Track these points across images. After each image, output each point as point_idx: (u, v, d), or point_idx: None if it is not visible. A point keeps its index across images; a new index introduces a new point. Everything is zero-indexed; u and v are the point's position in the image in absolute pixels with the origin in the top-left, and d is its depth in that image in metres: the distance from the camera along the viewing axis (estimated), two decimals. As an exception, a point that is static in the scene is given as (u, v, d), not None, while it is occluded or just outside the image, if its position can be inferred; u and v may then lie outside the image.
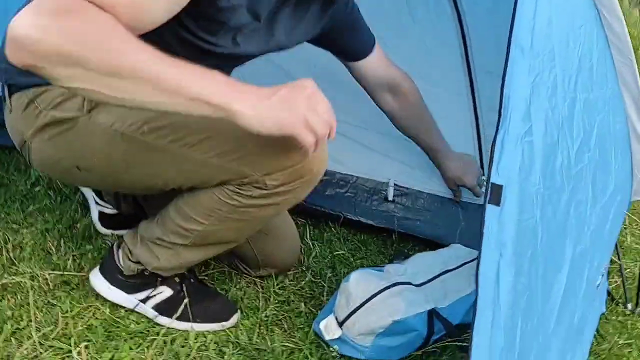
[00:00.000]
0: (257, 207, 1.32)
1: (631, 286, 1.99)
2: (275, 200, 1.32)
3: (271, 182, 1.26)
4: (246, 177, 1.26)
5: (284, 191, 1.29)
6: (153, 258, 1.44)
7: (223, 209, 1.32)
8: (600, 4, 1.42)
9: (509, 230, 1.05)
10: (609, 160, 1.49)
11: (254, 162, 1.24)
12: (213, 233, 1.38)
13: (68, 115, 1.25)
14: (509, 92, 1.12)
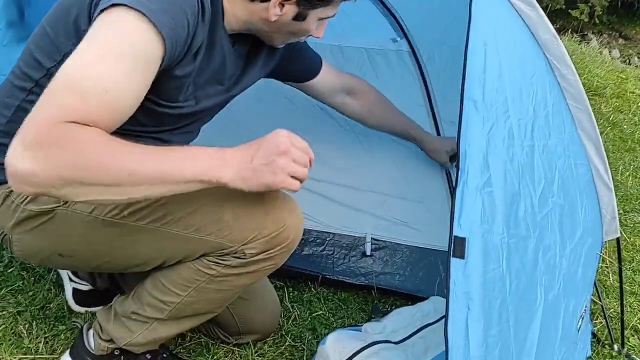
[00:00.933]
0: (236, 275, 1.32)
1: (616, 327, 1.98)
2: (254, 269, 1.32)
3: (249, 251, 1.28)
4: (225, 249, 1.27)
5: (262, 259, 1.30)
6: (127, 333, 1.42)
7: (201, 279, 1.32)
8: (548, 53, 1.46)
9: (475, 282, 1.05)
10: (575, 204, 1.50)
11: (232, 234, 1.26)
12: (190, 305, 1.37)
13: (45, 207, 1.26)
14: (464, 145, 1.15)
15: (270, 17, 1.26)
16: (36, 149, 0.96)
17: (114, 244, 1.29)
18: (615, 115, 4.02)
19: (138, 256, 1.31)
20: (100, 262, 1.35)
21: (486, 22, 1.30)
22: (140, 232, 1.26)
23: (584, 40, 8.17)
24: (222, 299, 1.39)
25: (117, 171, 1.01)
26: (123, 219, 1.25)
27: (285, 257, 1.35)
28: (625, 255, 2.52)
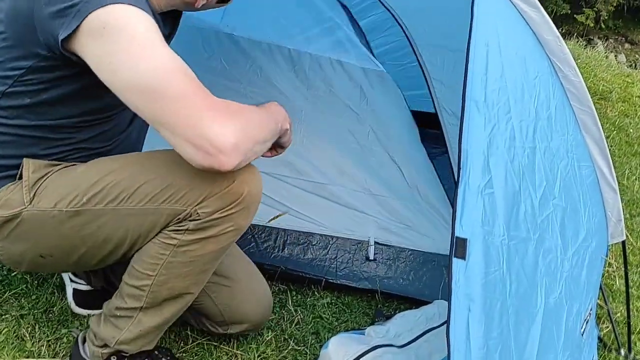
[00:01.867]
0: (198, 242, 1.31)
1: (623, 331, 1.96)
2: (215, 232, 1.31)
3: (203, 211, 1.27)
4: (179, 215, 1.28)
5: (219, 218, 1.29)
6: (115, 331, 1.42)
7: (166, 252, 1.32)
8: (551, 55, 1.46)
9: (476, 284, 1.05)
10: (578, 206, 1.49)
11: (184, 197, 1.27)
12: (164, 285, 1.36)
13: (13, 211, 1.30)
14: (466, 146, 1.14)
15: (198, 4, 1.37)
16: (233, 122, 1.11)
17: (83, 233, 1.31)
18: (621, 119, 4.00)
19: (108, 240, 1.32)
20: (79, 256, 1.36)
21: (488, 22, 1.30)
22: (102, 216, 1.29)
23: (589, 45, 8.15)
24: (193, 273, 1.37)
25: (268, 128, 1.27)
26: (83, 205, 1.28)
27: (246, 217, 1.33)
28: (632, 259, 2.51)
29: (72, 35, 1.12)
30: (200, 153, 1.09)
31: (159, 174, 1.28)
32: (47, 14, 1.14)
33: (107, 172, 1.29)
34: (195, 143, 1.09)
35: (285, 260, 2.04)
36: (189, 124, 1.09)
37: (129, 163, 1.32)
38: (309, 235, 2.08)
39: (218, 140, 1.09)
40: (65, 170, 1.34)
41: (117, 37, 1.11)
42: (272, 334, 1.80)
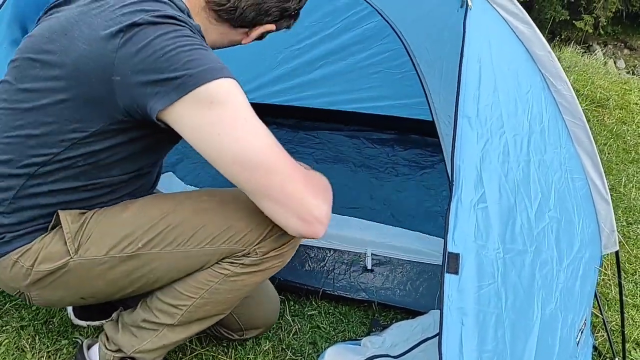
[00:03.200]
0: (248, 274, 1.37)
1: (618, 340, 1.97)
2: (265, 267, 1.37)
3: (261, 250, 1.34)
4: (237, 253, 1.33)
5: (273, 256, 1.37)
6: (135, 341, 1.44)
7: (215, 280, 1.36)
8: (543, 69, 1.48)
9: (469, 298, 1.06)
10: (572, 218, 1.51)
11: (243, 238, 1.32)
12: (202, 307, 1.39)
13: (58, 264, 1.28)
14: (459, 161, 1.16)
15: (248, 40, 1.42)
16: (321, 197, 1.23)
17: (133, 277, 1.32)
18: (618, 126, 4.02)
19: (159, 280, 1.35)
20: (123, 294, 1.38)
21: (480, 38, 1.32)
22: (157, 259, 1.30)
23: (588, 51, 8.18)
24: (233, 299, 1.42)
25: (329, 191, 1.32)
26: (139, 250, 1.29)
27: (292, 254, 1.42)
28: (628, 267, 2.52)
29: (169, 106, 1.13)
30: (305, 225, 1.21)
31: (216, 216, 1.32)
32: (135, 82, 1.12)
33: (161, 216, 1.30)
34: (302, 216, 1.20)
35: (282, 272, 2.05)
36: (296, 200, 1.20)
37: (181, 204, 1.33)
38: (307, 248, 2.10)
39: (319, 214, 1.21)
40: (106, 214, 1.31)
41: (224, 111, 1.14)
42: (270, 344, 1.81)
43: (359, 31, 3.08)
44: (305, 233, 1.23)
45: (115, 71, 1.12)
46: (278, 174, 1.18)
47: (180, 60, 1.11)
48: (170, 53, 1.11)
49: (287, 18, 1.42)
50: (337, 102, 3.31)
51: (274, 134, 1.18)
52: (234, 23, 1.36)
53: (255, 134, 1.16)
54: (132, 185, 1.36)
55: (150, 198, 1.36)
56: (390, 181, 2.83)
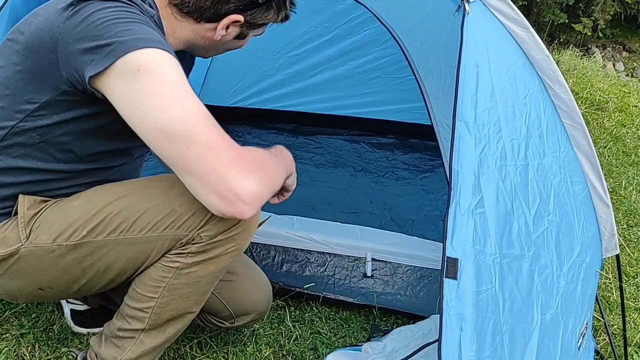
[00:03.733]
0: (200, 264, 1.33)
1: (619, 343, 1.97)
2: (216, 253, 1.33)
3: (206, 234, 1.29)
4: (182, 240, 1.30)
5: (221, 240, 1.31)
6: (117, 351, 1.44)
7: (169, 275, 1.34)
8: (542, 73, 1.48)
9: (468, 303, 1.06)
10: (572, 222, 1.51)
11: (186, 222, 1.29)
12: (166, 306, 1.38)
13: (10, 249, 1.30)
14: (457, 166, 1.16)
15: (216, 37, 1.41)
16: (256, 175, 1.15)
17: (84, 265, 1.31)
18: (618, 129, 4.02)
19: (110, 269, 1.34)
20: (80, 286, 1.37)
21: (478, 43, 1.33)
22: (104, 247, 1.30)
23: (587, 54, 8.19)
24: (195, 293, 1.39)
25: (281, 175, 1.33)
26: (84, 238, 1.28)
27: (247, 237, 1.36)
28: (629, 270, 2.52)
29: (101, 73, 1.13)
30: (224, 203, 1.13)
31: (159, 201, 1.29)
32: (75, 50, 1.15)
33: (106, 203, 1.29)
34: (221, 194, 1.12)
35: (283, 277, 2.06)
36: (217, 175, 1.12)
37: (126, 192, 1.32)
38: (307, 253, 2.10)
39: (242, 192, 1.12)
40: (60, 203, 1.33)
41: (151, 80, 1.12)
42: (271, 350, 1.81)
43: (358, 37, 3.09)
44: (226, 212, 1.14)
45: (60, 41, 1.17)
46: (199, 146, 1.11)
47: (115, 29, 1.13)
48: (108, 22, 1.14)
49: (262, 8, 1.40)
50: (337, 107, 3.32)
51: (274, 138, 1.19)
52: (196, 16, 1.37)
53: (181, 105, 1.12)
54: (94, 175, 1.37)
55: (103, 186, 1.36)
56: (390, 185, 2.84)
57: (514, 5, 1.49)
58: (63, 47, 1.16)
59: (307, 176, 2.88)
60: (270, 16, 1.43)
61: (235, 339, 1.84)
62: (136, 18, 1.18)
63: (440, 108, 2.19)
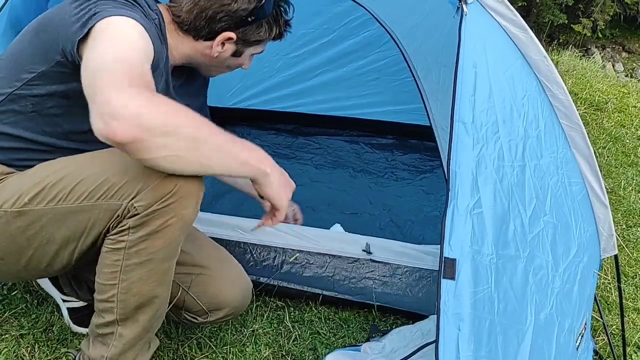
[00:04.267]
0: (145, 240, 1.32)
1: (618, 343, 1.97)
2: (157, 225, 1.31)
3: (139, 204, 1.28)
4: (117, 211, 1.30)
5: (157, 210, 1.29)
6: (102, 349, 1.46)
7: (119, 257, 1.34)
8: (539, 74, 1.49)
9: (465, 303, 1.07)
10: (569, 222, 1.51)
11: (118, 191, 1.29)
12: (128, 292, 1.37)
13: None
14: (455, 167, 1.17)
15: (213, 54, 1.53)
16: (145, 97, 1.11)
17: (28, 234, 1.34)
18: (617, 129, 4.02)
19: (51, 241, 1.35)
20: (27, 259, 1.38)
21: (476, 44, 1.33)
22: (44, 216, 1.32)
23: (587, 54, 8.19)
24: (153, 274, 1.37)
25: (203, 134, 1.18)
26: (25, 206, 1.32)
27: (186, 207, 1.32)
28: (628, 270, 2.52)
29: (83, 39, 1.22)
30: (102, 122, 1.09)
31: (94, 171, 1.31)
32: (70, 22, 1.25)
33: (50, 173, 1.33)
34: (100, 111, 1.10)
35: (283, 277, 2.06)
36: (102, 92, 1.10)
37: (70, 163, 1.35)
38: (307, 254, 2.10)
39: (117, 108, 1.08)
40: (19, 174, 1.39)
41: (109, 35, 1.20)
42: (270, 350, 1.82)
43: (357, 39, 3.10)
44: (104, 133, 1.10)
45: (64, 20, 1.27)
46: (105, 77, 1.12)
47: (106, 6, 1.24)
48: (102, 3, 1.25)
49: (252, 25, 1.50)
50: (336, 108, 3.33)
51: (274, 139, 1.19)
52: (194, 34, 1.50)
53: (117, 50, 1.17)
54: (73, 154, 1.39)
55: (55, 160, 1.38)
56: (390, 186, 2.85)
57: (512, 6, 1.50)
58: (64, 22, 1.27)
59: (306, 177, 2.89)
60: (262, 33, 1.54)
61: (235, 339, 1.85)
62: (128, 5, 1.29)
63: (439, 109, 2.20)
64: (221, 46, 1.52)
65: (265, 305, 2.02)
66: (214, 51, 1.52)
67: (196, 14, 1.47)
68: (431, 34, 2.09)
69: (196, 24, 1.48)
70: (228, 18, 1.48)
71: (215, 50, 1.52)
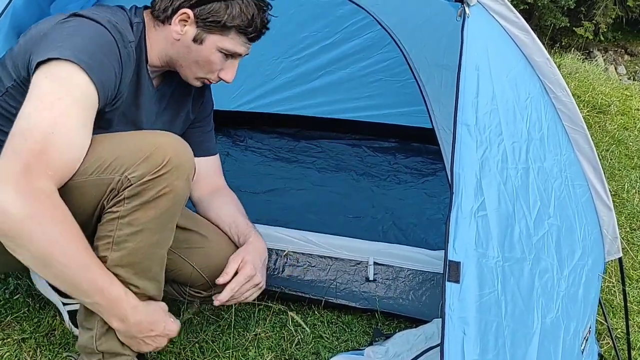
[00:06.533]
0: (137, 209, 1.34)
1: (623, 347, 1.96)
2: (151, 195, 1.33)
3: (132, 176, 1.31)
4: (111, 185, 1.32)
5: (151, 180, 1.32)
6: (90, 334, 1.45)
7: (113, 227, 1.35)
8: (542, 76, 1.48)
9: (471, 306, 1.06)
10: (573, 225, 1.50)
11: (110, 166, 1.32)
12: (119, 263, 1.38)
13: None
14: (458, 169, 1.16)
15: (175, 36, 1.49)
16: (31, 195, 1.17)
17: None
18: (620, 132, 4.01)
19: None
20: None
21: (479, 46, 1.33)
22: None
23: (589, 57, 8.19)
24: (143, 245, 1.38)
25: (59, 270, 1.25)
26: None
27: (179, 177, 1.35)
28: (633, 273, 2.51)
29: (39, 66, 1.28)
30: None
31: (92, 150, 1.33)
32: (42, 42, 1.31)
33: None
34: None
35: (285, 282, 2.05)
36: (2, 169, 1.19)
37: None
38: (309, 257, 2.09)
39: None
40: None
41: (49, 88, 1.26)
42: (273, 354, 1.81)
43: (358, 41, 3.10)
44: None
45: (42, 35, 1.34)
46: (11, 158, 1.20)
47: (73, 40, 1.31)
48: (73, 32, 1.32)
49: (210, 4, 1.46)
50: (338, 110, 3.33)
51: (276, 143, 1.18)
52: (162, 17, 1.49)
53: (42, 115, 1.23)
54: None
55: None
56: (392, 189, 2.84)
57: (515, 8, 1.49)
58: (39, 38, 1.33)
59: (308, 181, 2.89)
60: (221, 14, 1.46)
61: (237, 343, 1.84)
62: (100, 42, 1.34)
63: (442, 111, 2.19)
64: (181, 26, 1.48)
65: (268, 309, 2.01)
66: (173, 32, 1.48)
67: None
68: (433, 36, 2.09)
69: (162, 5, 1.48)
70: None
71: (174, 30, 1.48)
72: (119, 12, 1.47)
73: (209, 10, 1.46)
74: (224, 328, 1.89)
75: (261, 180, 2.82)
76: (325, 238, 2.12)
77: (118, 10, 1.47)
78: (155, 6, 1.50)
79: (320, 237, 2.11)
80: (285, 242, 2.10)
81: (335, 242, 2.12)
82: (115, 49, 1.37)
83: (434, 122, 2.18)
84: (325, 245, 2.11)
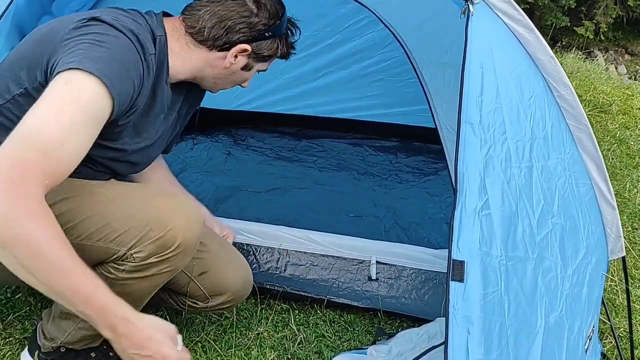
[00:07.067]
0: (135, 280, 1.36)
1: (626, 346, 1.96)
2: (151, 272, 1.36)
3: (138, 255, 1.32)
4: (115, 254, 1.33)
5: (155, 262, 1.34)
6: (60, 333, 1.48)
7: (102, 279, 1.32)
8: (546, 74, 1.47)
9: (475, 306, 1.05)
10: (577, 224, 1.50)
11: (118, 238, 1.32)
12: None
13: None
14: (462, 168, 1.15)
15: (225, 64, 1.52)
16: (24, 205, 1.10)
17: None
18: (622, 131, 4.01)
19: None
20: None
21: (483, 44, 1.32)
22: None
23: (590, 57, 8.18)
24: (132, 301, 1.34)
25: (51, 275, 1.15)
26: None
27: (182, 259, 1.37)
28: (635, 273, 2.51)
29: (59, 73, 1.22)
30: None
31: (98, 212, 1.33)
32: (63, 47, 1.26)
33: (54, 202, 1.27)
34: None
35: (287, 281, 2.05)
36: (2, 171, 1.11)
37: (75, 195, 1.34)
38: (311, 256, 2.09)
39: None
40: None
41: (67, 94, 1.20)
42: (275, 354, 1.81)
43: (360, 40, 3.09)
44: None
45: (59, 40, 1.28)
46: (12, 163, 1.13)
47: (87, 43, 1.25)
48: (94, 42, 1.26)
49: (267, 40, 1.52)
50: (340, 110, 3.32)
51: (277, 142, 1.17)
52: (209, 44, 1.48)
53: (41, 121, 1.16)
54: None
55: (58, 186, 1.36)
56: (394, 188, 2.83)
57: (518, 6, 1.49)
58: (58, 44, 1.27)
59: (310, 180, 2.88)
60: (274, 50, 1.56)
61: (240, 342, 1.84)
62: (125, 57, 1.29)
63: (445, 110, 2.19)
64: (234, 58, 1.51)
65: (270, 308, 2.01)
66: (227, 62, 1.51)
67: (215, 23, 1.46)
68: (436, 35, 2.08)
69: (214, 34, 1.47)
70: (247, 30, 1.48)
71: (228, 60, 1.51)
72: (139, 19, 1.42)
73: (265, 47, 1.54)
74: (226, 327, 1.89)
75: (263, 180, 2.81)
76: (327, 237, 2.12)
77: (138, 17, 1.43)
78: (198, 28, 1.47)
79: (322, 236, 2.11)
80: (287, 241, 2.10)
81: (337, 241, 2.12)
82: (139, 65, 1.33)
83: (436, 121, 2.18)
84: (328, 244, 2.11)
